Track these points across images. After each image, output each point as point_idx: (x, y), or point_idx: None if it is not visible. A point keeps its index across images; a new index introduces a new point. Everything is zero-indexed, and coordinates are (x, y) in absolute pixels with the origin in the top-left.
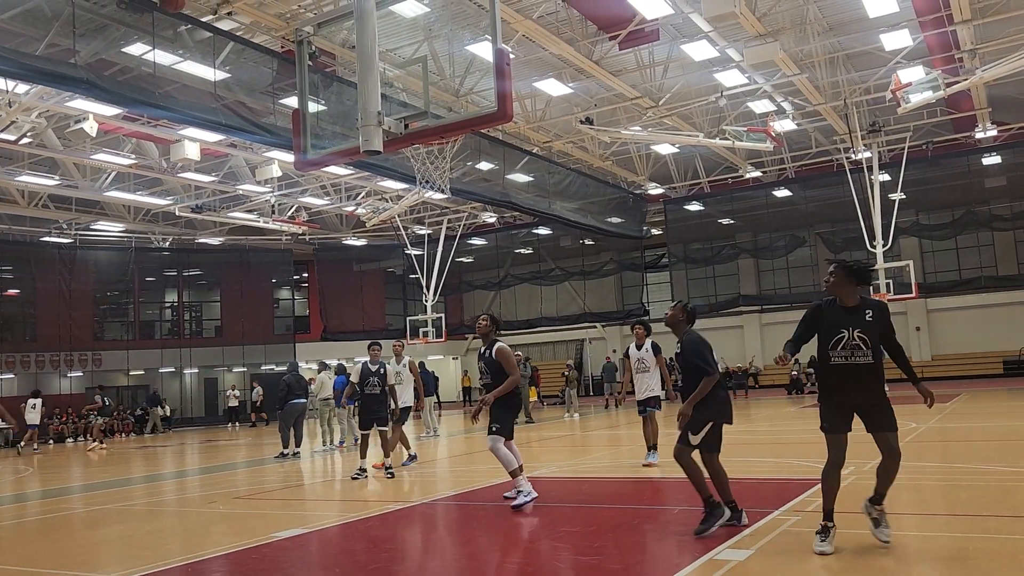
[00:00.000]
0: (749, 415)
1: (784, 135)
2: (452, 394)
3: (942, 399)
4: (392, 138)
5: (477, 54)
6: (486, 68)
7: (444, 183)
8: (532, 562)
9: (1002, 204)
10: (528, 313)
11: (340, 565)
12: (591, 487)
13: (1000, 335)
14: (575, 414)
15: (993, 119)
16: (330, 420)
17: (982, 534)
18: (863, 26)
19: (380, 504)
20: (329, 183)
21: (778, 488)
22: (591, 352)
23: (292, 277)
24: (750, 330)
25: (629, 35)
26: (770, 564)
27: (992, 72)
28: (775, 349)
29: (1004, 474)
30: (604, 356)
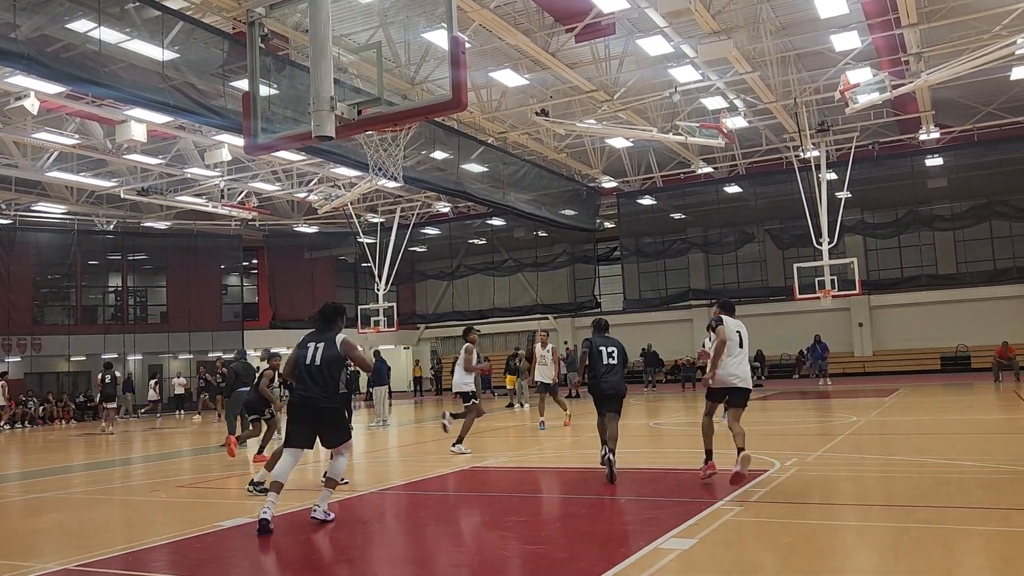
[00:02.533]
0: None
1: (736, 132)
2: (404, 384)
3: (882, 393)
4: (345, 124)
5: (433, 42)
6: (442, 56)
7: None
8: (479, 552)
9: (943, 205)
10: (481, 304)
11: (285, 554)
12: (539, 477)
13: (939, 332)
14: (525, 405)
15: (937, 122)
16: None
17: (916, 523)
18: (814, 27)
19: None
20: (280, 169)
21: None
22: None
23: (241, 263)
24: (699, 324)
25: (586, 28)
26: (713, 553)
27: (936, 76)
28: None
29: (938, 466)
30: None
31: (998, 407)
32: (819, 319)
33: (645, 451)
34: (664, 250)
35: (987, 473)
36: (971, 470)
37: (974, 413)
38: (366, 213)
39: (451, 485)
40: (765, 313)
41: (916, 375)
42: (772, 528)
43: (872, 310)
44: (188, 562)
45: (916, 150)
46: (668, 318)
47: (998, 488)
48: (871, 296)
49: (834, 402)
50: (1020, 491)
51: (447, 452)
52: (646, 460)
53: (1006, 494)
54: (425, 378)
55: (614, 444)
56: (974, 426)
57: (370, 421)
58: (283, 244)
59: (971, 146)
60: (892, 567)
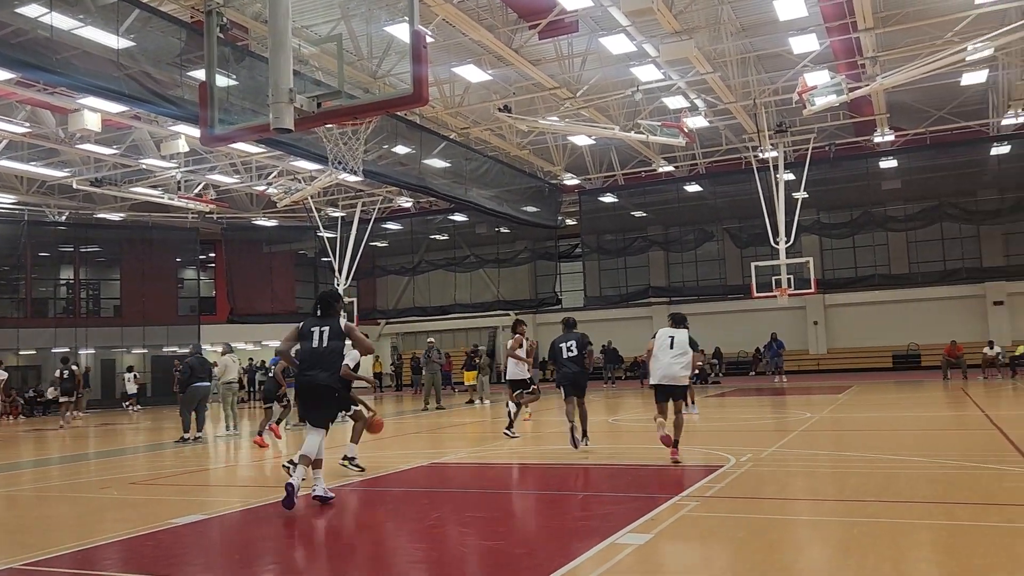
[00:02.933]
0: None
1: (696, 131)
2: None
3: (836, 391)
4: (304, 116)
5: (396, 36)
6: (404, 50)
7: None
8: (437, 548)
9: (896, 206)
10: (442, 299)
11: (240, 552)
12: (497, 473)
13: (891, 331)
14: (486, 401)
15: (891, 124)
16: (233, 404)
17: (866, 518)
18: (773, 29)
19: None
20: (239, 161)
21: (679, 474)
22: (504, 340)
23: (198, 257)
24: (659, 321)
25: (549, 25)
26: (669, 547)
27: (891, 79)
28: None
29: (888, 462)
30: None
31: (946, 404)
32: (775, 317)
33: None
34: (625, 247)
35: (934, 468)
36: (919, 465)
37: (923, 410)
38: (326, 207)
39: (409, 481)
40: (723, 311)
41: (868, 373)
42: (726, 523)
43: (827, 309)
44: (139, 560)
45: (871, 152)
46: (628, 315)
47: (944, 483)
48: (826, 295)
49: (789, 399)
50: (965, 486)
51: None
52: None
53: (951, 489)
54: (385, 373)
55: (580, 422)
56: (923, 423)
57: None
58: (241, 237)
59: (923, 149)
60: (842, 560)
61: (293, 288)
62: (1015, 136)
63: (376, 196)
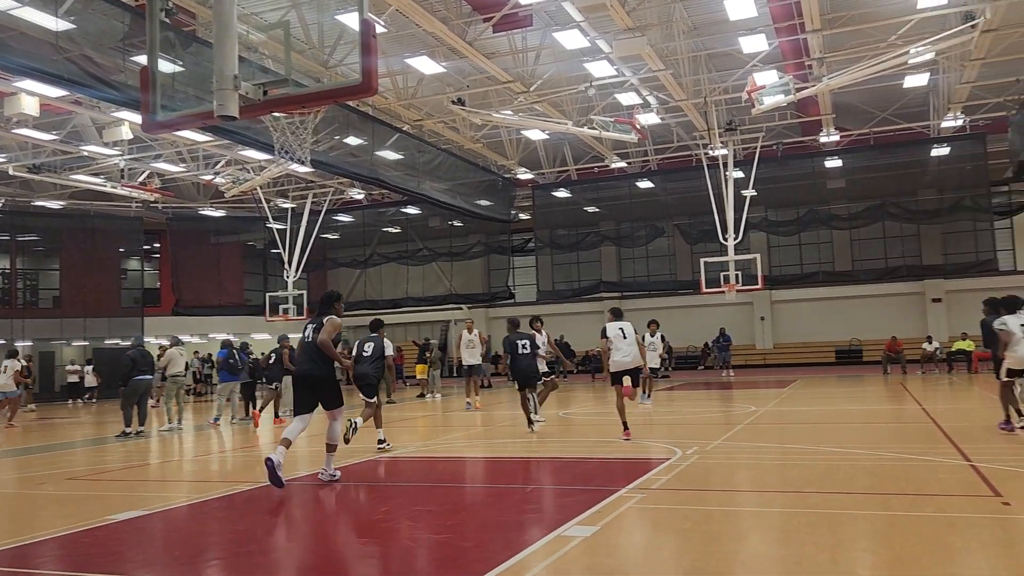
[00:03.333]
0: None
1: (648, 128)
2: None
3: (781, 384)
4: (250, 104)
5: (348, 25)
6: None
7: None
8: (383, 542)
9: (841, 205)
10: (394, 293)
11: (180, 548)
12: (447, 467)
13: (834, 326)
14: (437, 395)
15: (836, 125)
16: (178, 396)
17: (806, 508)
18: (724, 28)
19: (229, 485)
20: (186, 149)
21: (626, 467)
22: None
23: (142, 247)
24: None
25: (503, 18)
26: (615, 539)
27: (837, 80)
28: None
29: (830, 454)
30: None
31: (886, 398)
32: (724, 312)
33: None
34: (577, 242)
35: (873, 460)
36: (859, 457)
37: (864, 404)
38: (276, 198)
39: (357, 476)
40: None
41: (812, 367)
42: (671, 514)
43: (773, 304)
44: (76, 557)
45: (817, 152)
46: (580, 309)
47: (882, 474)
48: (773, 291)
49: (736, 393)
50: (901, 477)
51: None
52: (555, 449)
53: (888, 480)
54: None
55: (535, 406)
56: (863, 416)
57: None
58: (187, 228)
59: (867, 149)
60: (782, 550)
61: (241, 280)
62: (954, 138)
63: (327, 187)
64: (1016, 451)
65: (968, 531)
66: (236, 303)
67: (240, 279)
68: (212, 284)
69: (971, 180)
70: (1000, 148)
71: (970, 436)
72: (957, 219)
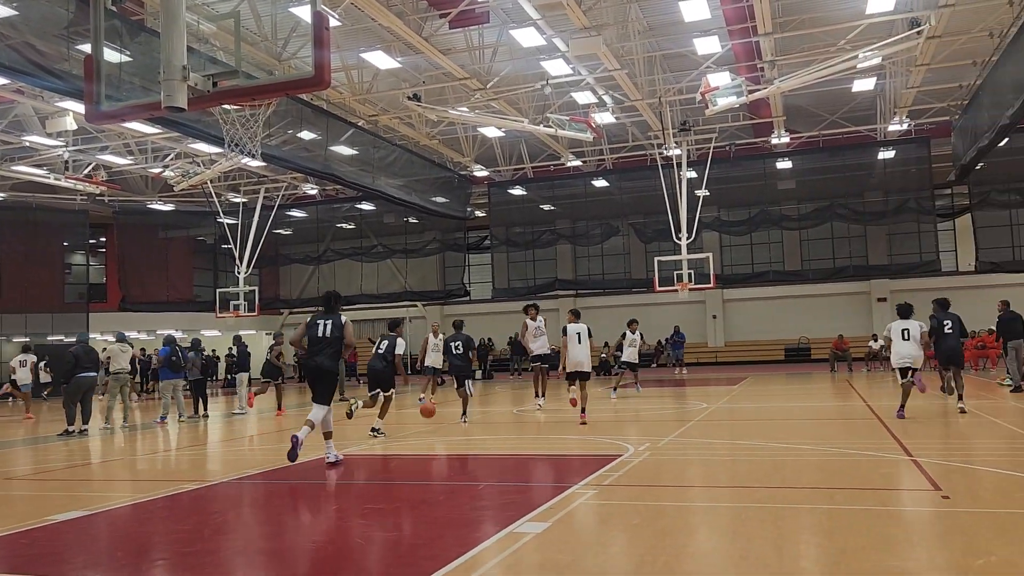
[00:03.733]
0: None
1: (604, 127)
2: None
3: (732, 382)
4: (199, 96)
5: (302, 17)
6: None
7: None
8: (333, 540)
9: (791, 205)
10: (348, 289)
11: (122, 549)
12: (400, 464)
13: (784, 325)
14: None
15: (787, 127)
16: (123, 394)
17: (754, 503)
18: (679, 29)
19: (176, 484)
20: (133, 141)
21: (579, 464)
22: (411, 331)
23: (87, 241)
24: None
25: (460, 14)
26: (565, 535)
27: (788, 83)
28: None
29: (778, 449)
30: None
31: (832, 395)
32: (677, 311)
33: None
34: (533, 240)
35: (819, 456)
36: (806, 453)
37: (811, 400)
38: (228, 192)
39: (308, 474)
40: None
41: (762, 365)
42: (622, 510)
43: (725, 303)
44: (13, 559)
45: (768, 153)
46: None
47: (827, 469)
48: (724, 290)
49: (688, 390)
50: (845, 472)
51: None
52: (508, 446)
53: (833, 475)
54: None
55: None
56: (811, 412)
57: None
58: (135, 222)
59: (816, 151)
60: (729, 544)
61: (191, 276)
62: (900, 142)
63: (280, 182)
64: (955, 446)
65: (908, 524)
66: (185, 299)
67: (189, 275)
68: (160, 280)
69: (915, 183)
70: (944, 152)
71: (912, 432)
72: (902, 221)
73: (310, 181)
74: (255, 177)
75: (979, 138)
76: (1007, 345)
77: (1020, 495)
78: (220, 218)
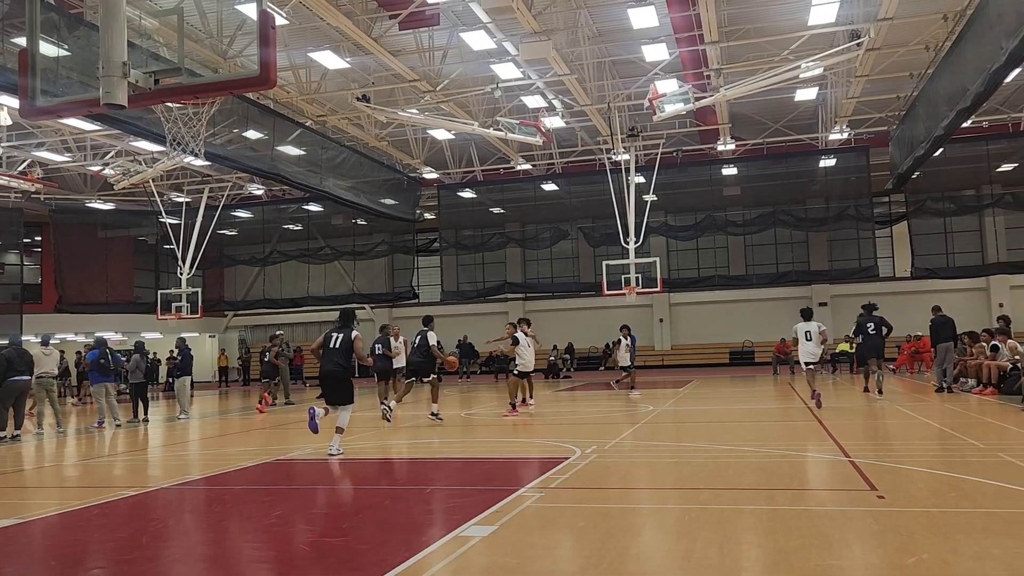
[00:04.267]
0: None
1: (553, 132)
2: (208, 374)
3: (678, 385)
4: (140, 93)
5: (248, 15)
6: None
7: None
8: (276, 547)
9: (736, 211)
10: (294, 291)
11: (57, 558)
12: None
13: (729, 328)
14: None
15: (733, 134)
16: (51, 398)
17: (698, 504)
18: (628, 36)
19: (114, 490)
20: (72, 138)
21: (526, 466)
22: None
23: (22, 240)
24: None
25: (410, 16)
26: (512, 538)
27: (733, 91)
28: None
29: (721, 451)
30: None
31: (775, 397)
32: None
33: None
34: (482, 243)
35: (761, 457)
36: (748, 454)
37: (754, 403)
38: (170, 191)
39: (252, 479)
40: (576, 308)
41: (708, 368)
42: (568, 512)
43: (672, 307)
44: None
45: (714, 160)
46: (484, 310)
47: (768, 471)
48: (671, 294)
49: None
50: (786, 473)
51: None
52: (455, 450)
53: (774, 476)
54: (232, 368)
55: (398, 398)
56: (754, 415)
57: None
58: (73, 221)
59: (761, 159)
60: (673, 545)
61: (131, 276)
62: (840, 151)
63: (225, 182)
64: (890, 448)
65: (845, 523)
66: (125, 300)
67: (130, 275)
68: (99, 280)
69: (855, 191)
70: (882, 161)
71: (850, 433)
72: (842, 227)
73: (256, 181)
74: (199, 176)
75: (915, 148)
76: (937, 348)
77: (952, 494)
78: (162, 218)
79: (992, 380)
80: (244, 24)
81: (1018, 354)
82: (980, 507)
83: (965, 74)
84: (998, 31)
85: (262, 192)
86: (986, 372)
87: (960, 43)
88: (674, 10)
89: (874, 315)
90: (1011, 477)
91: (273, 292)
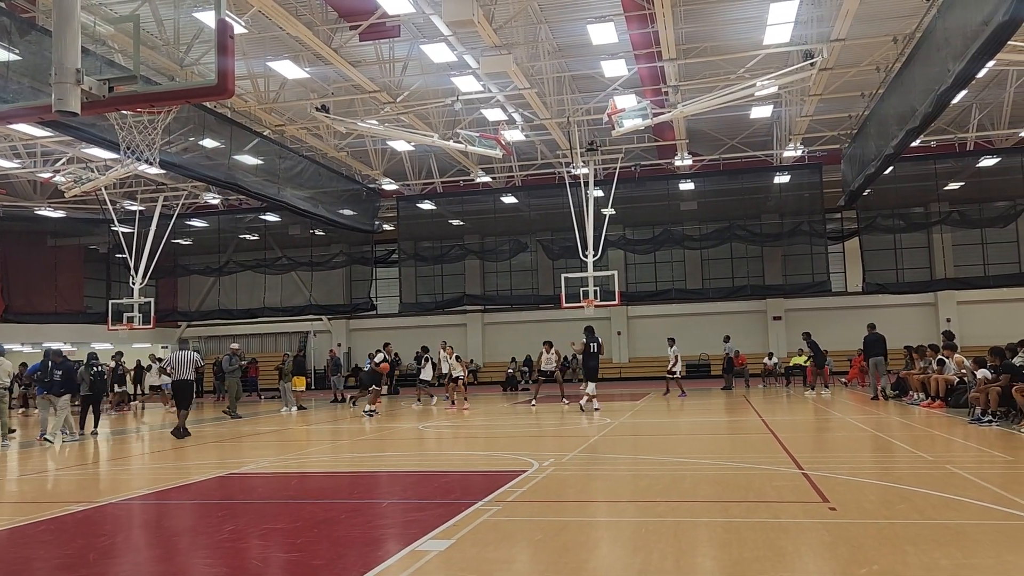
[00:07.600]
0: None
1: (513, 145)
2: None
3: (635, 397)
4: (94, 100)
5: (206, 23)
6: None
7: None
8: (229, 563)
9: (692, 226)
10: (250, 302)
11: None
12: (301, 483)
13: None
14: (292, 408)
15: (690, 150)
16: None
17: (655, 517)
18: (587, 52)
19: (61, 505)
20: (21, 144)
21: (483, 480)
22: (315, 345)
23: None
24: (472, 328)
25: (370, 27)
26: (469, 553)
27: (690, 108)
28: (496, 348)
29: (677, 464)
30: (329, 349)
31: (729, 410)
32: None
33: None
34: (442, 255)
35: (716, 470)
36: (704, 467)
37: (709, 415)
38: (123, 199)
39: (204, 493)
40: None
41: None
42: (525, 526)
43: (629, 320)
44: None
45: (671, 174)
46: (443, 322)
47: (724, 483)
48: (629, 307)
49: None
50: (740, 485)
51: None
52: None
53: (729, 488)
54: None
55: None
56: (709, 428)
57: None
58: (21, 228)
59: (717, 174)
60: (629, 558)
61: (81, 285)
62: (794, 167)
63: (180, 191)
64: (843, 460)
65: (798, 535)
66: (75, 310)
67: (80, 284)
68: (48, 289)
69: (808, 207)
70: (834, 178)
71: (804, 446)
72: (795, 243)
73: (212, 190)
74: (153, 184)
75: (866, 166)
76: (869, 361)
77: (901, 505)
78: (115, 226)
79: (940, 393)
80: (202, 32)
81: (964, 368)
82: (929, 518)
83: (914, 95)
84: (945, 53)
85: (218, 201)
86: (934, 386)
87: (909, 65)
88: (633, 27)
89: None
90: (958, 489)
91: (228, 303)
